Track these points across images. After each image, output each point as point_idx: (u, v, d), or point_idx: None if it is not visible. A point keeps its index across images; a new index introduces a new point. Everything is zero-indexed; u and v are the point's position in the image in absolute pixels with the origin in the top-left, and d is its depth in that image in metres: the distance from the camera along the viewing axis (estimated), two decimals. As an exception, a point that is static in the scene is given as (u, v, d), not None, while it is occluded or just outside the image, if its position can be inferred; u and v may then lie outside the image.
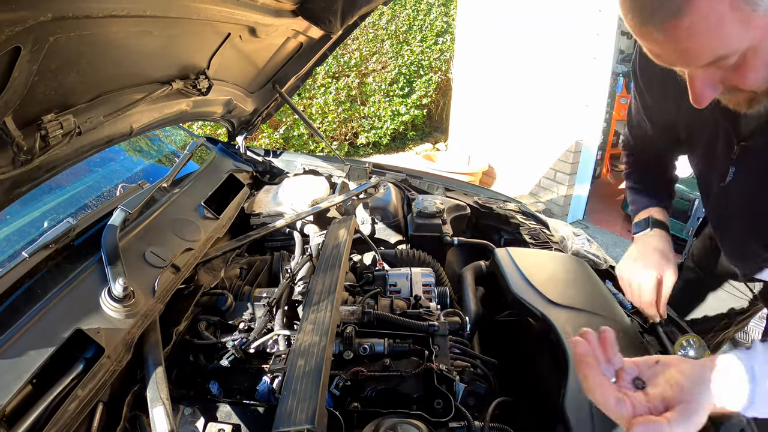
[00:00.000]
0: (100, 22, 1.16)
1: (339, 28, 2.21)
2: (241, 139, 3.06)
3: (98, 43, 1.27)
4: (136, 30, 1.37)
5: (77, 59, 1.24)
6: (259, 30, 2.01)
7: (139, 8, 1.24)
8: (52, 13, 0.96)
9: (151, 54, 1.63)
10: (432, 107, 11.50)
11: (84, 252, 1.59)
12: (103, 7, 1.10)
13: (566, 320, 1.67)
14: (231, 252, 2.09)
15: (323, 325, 1.39)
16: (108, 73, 1.47)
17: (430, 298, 1.91)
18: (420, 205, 2.48)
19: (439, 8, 10.77)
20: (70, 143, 1.35)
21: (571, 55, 6.63)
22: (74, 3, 1.01)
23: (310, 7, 2.04)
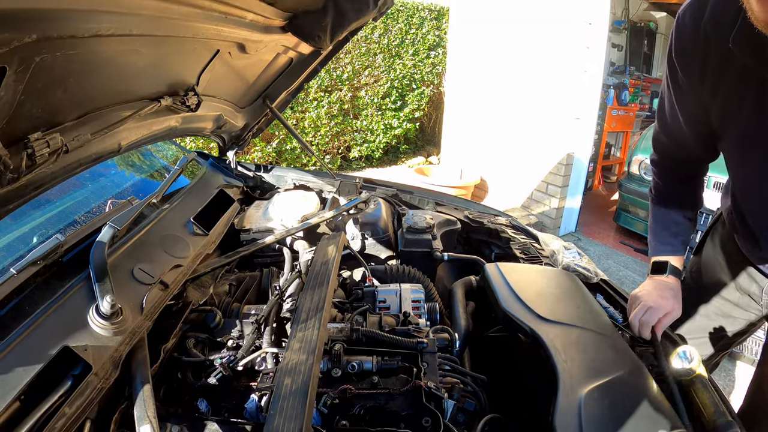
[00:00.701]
0: (85, 42, 1.16)
1: (329, 44, 2.22)
2: (231, 154, 3.06)
3: (85, 61, 1.27)
4: (123, 48, 1.37)
5: (64, 78, 1.24)
6: (249, 46, 2.01)
7: (125, 27, 1.24)
8: (36, 34, 0.95)
9: (139, 71, 1.63)
10: (424, 120, 11.56)
11: (72, 268, 1.58)
12: (87, 27, 1.11)
13: (556, 336, 1.67)
14: (220, 268, 2.09)
15: (310, 343, 1.39)
16: (95, 90, 1.47)
17: (419, 314, 1.91)
18: (410, 221, 2.49)
19: (431, 22, 10.86)
20: (57, 161, 1.35)
21: (561, 68, 6.66)
22: (58, 24, 1.01)
23: (299, 24, 2.04)
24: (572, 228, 7.55)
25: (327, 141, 9.69)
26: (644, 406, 1.42)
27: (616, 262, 6.67)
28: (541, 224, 7.32)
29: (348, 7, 2.09)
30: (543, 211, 7.33)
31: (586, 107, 6.61)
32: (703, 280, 2.28)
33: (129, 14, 1.20)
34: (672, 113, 1.91)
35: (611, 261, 6.67)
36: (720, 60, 1.58)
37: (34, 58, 1.03)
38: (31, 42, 0.96)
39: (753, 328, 2.21)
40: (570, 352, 1.60)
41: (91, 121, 1.50)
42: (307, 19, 2.04)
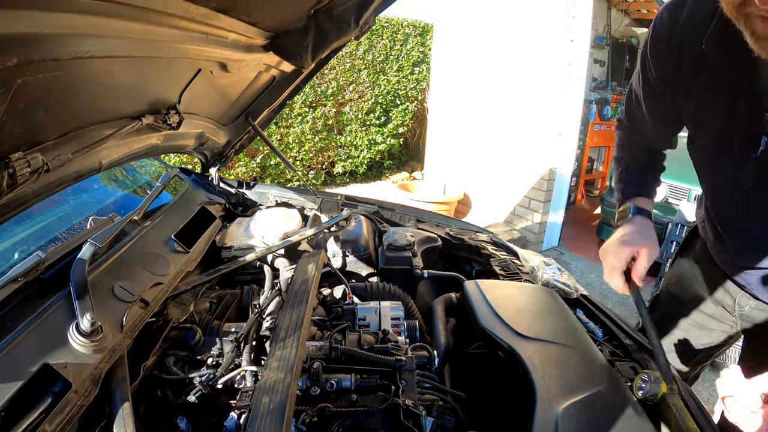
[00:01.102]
0: (67, 63, 1.18)
1: (310, 63, 2.24)
2: (214, 170, 3.07)
3: (66, 82, 1.28)
4: (104, 68, 1.38)
5: (45, 98, 1.25)
6: (230, 65, 2.03)
7: (107, 50, 1.26)
8: (17, 58, 0.97)
9: (120, 90, 1.64)
10: (408, 136, 11.61)
11: (53, 285, 1.59)
12: (69, 50, 1.12)
13: (534, 352, 1.69)
14: (201, 286, 2.10)
15: (289, 361, 1.40)
16: (76, 110, 1.49)
17: (399, 332, 1.93)
18: (390, 238, 2.51)
19: (416, 38, 10.92)
20: (38, 180, 1.36)
21: (543, 85, 6.73)
22: (40, 47, 1.03)
23: (280, 43, 2.06)
24: (555, 242, 7.60)
25: (311, 156, 9.70)
26: (621, 422, 1.44)
27: (599, 276, 6.71)
28: (524, 239, 7.36)
29: (329, 27, 2.10)
30: (526, 226, 7.38)
31: (567, 123, 6.68)
32: (680, 293, 2.30)
33: (111, 37, 1.21)
34: (638, 110, 1.98)
35: (594, 275, 6.72)
36: (694, 61, 1.60)
37: (16, 80, 1.04)
38: (13, 65, 0.98)
39: (731, 340, 2.22)
40: (548, 368, 1.62)
41: (72, 140, 1.51)
42: (288, 39, 2.06)
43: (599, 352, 1.80)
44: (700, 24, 1.48)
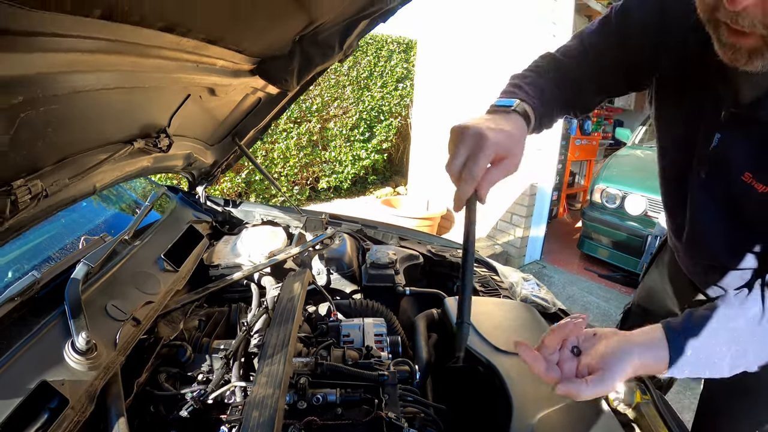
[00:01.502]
0: (65, 97, 1.24)
1: (295, 86, 2.30)
2: (201, 189, 3.12)
3: (63, 113, 1.34)
4: (99, 98, 1.44)
5: (44, 129, 1.31)
6: (218, 90, 2.09)
7: (102, 83, 1.32)
8: (23, 96, 1.03)
9: (113, 117, 1.70)
10: (392, 151, 11.67)
11: (47, 304, 1.63)
12: (68, 87, 1.19)
13: (511, 366, 1.76)
14: (190, 304, 2.15)
15: (277, 377, 1.46)
16: (72, 137, 1.54)
17: (382, 347, 1.98)
18: (373, 257, 2.57)
19: (400, 55, 11.00)
20: (37, 205, 1.42)
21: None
22: (42, 85, 1.09)
23: (266, 68, 2.12)
24: (537, 256, 7.68)
25: (296, 172, 9.75)
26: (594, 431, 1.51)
27: (581, 289, 6.80)
28: (507, 253, 7.43)
29: (314, 52, 2.15)
30: (508, 240, 7.45)
31: (547, 138, 6.79)
32: (651, 307, 2.34)
33: (107, 71, 1.28)
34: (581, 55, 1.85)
35: (576, 287, 6.79)
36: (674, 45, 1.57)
37: (20, 114, 1.10)
38: (18, 103, 1.04)
39: None
40: (524, 381, 1.69)
41: (68, 166, 1.56)
42: (274, 64, 2.12)
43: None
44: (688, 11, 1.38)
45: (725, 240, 1.72)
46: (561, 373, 1.33)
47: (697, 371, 1.35)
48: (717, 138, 1.52)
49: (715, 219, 1.70)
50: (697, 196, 1.71)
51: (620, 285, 6.87)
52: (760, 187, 1.43)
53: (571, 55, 1.88)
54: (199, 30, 1.45)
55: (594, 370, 1.30)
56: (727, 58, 1.25)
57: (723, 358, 1.33)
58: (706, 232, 1.77)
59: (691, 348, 1.33)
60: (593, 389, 1.25)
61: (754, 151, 1.44)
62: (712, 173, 1.60)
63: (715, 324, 1.34)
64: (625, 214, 7.00)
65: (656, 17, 1.62)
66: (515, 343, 1.35)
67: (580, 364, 1.35)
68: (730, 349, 1.33)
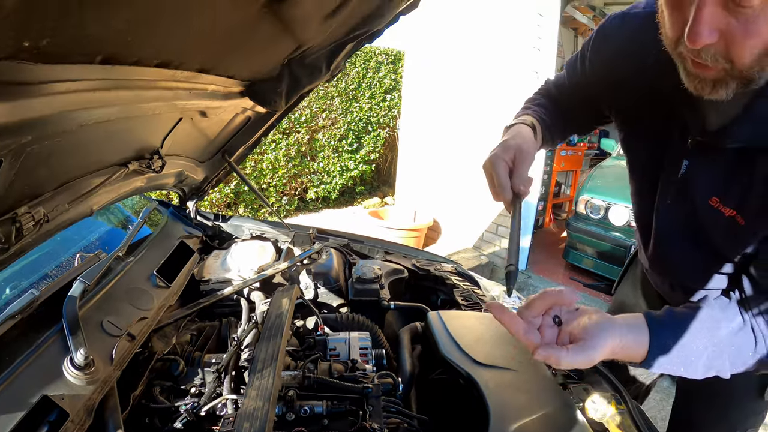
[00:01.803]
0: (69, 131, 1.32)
1: (283, 107, 2.36)
2: (192, 204, 3.18)
3: (65, 144, 1.41)
4: (98, 128, 1.51)
5: (47, 159, 1.38)
6: (209, 112, 2.16)
7: (103, 116, 1.39)
8: (31, 135, 1.11)
9: (109, 142, 1.77)
10: (380, 162, 11.73)
11: (46, 321, 1.69)
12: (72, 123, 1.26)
13: (490, 378, 1.83)
14: (182, 319, 2.22)
15: (266, 390, 1.54)
16: (71, 164, 1.61)
17: (367, 360, 2.06)
18: (359, 272, 2.65)
19: (388, 66, 11.06)
20: (39, 230, 1.49)
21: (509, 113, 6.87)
22: (48, 124, 1.16)
23: (256, 90, 2.17)
24: (523, 266, 7.75)
25: (285, 182, 9.81)
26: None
27: (566, 299, 6.86)
28: (492, 264, 7.51)
29: (302, 74, 2.20)
30: (494, 251, 7.53)
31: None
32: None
33: (108, 106, 1.35)
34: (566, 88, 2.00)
35: (560, 298, 6.86)
36: (636, 76, 1.65)
37: (26, 150, 1.17)
38: (26, 141, 1.12)
39: None
40: (502, 392, 1.77)
41: (67, 190, 1.63)
42: (263, 86, 2.17)
43: (552, 376, 1.93)
44: (648, 43, 1.49)
45: (692, 262, 1.79)
46: (541, 338, 1.38)
47: (673, 367, 1.40)
48: (685, 165, 1.59)
49: (681, 242, 1.77)
50: (663, 220, 1.79)
51: (604, 294, 6.93)
52: (727, 211, 1.49)
53: (559, 85, 2.05)
54: (192, 62, 1.51)
55: (575, 339, 1.35)
56: (692, 87, 1.31)
57: (699, 357, 1.39)
58: (671, 254, 1.85)
59: (670, 339, 1.39)
60: (573, 357, 1.30)
61: (720, 177, 1.50)
62: (679, 199, 1.67)
63: (696, 322, 1.41)
64: (609, 225, 7.09)
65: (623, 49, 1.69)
66: (487, 305, 1.42)
67: (561, 332, 1.41)
68: (707, 349, 1.39)
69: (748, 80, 1.23)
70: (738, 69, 1.20)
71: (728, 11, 1.11)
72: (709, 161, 1.53)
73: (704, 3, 1.11)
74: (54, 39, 0.85)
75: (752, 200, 1.43)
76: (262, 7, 1.32)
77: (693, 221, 1.66)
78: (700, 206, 1.58)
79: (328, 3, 1.62)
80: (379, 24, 2.08)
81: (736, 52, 1.16)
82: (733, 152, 1.45)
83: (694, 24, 1.13)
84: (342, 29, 2.01)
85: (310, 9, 1.50)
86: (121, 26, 0.98)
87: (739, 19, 1.11)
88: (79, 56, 0.99)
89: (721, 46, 1.17)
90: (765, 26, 1.10)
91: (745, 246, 1.52)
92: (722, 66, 1.20)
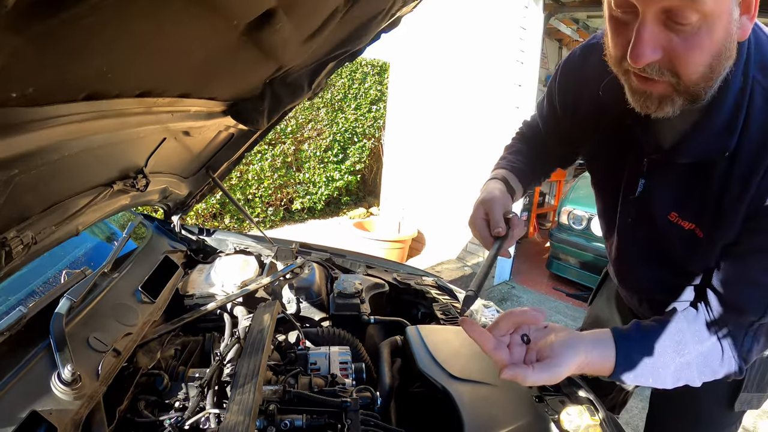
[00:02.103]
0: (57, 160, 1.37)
1: (265, 125, 2.40)
2: (176, 218, 3.22)
3: (53, 169, 1.45)
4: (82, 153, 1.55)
5: (35, 185, 1.42)
6: (193, 131, 2.19)
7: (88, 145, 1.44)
8: (19, 168, 1.16)
9: (94, 165, 1.80)
10: (366, 172, 11.76)
11: (34, 337, 1.72)
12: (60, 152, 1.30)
13: (465, 392, 1.89)
14: (166, 334, 2.25)
15: (248, 405, 1.58)
16: (58, 187, 1.65)
17: (346, 374, 2.10)
18: (340, 286, 2.70)
19: (374, 77, 11.11)
20: (28, 253, 1.54)
21: (493, 126, 7.00)
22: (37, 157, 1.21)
23: (238, 110, 2.20)
24: (506, 277, 7.83)
25: (270, 193, 9.83)
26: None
27: (549, 308, 6.94)
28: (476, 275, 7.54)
29: (284, 93, 2.23)
30: (477, 262, 7.58)
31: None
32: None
33: (93, 135, 1.40)
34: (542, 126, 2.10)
35: (544, 307, 6.91)
36: (593, 104, 1.71)
37: (14, 180, 1.21)
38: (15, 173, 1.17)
39: None
40: (476, 405, 1.83)
41: (54, 212, 1.66)
42: (245, 106, 2.20)
43: (527, 390, 1.99)
44: (602, 70, 1.52)
45: (656, 278, 1.86)
46: (510, 356, 1.43)
47: (641, 378, 1.46)
48: (641, 184, 1.65)
49: (645, 259, 1.84)
50: (626, 238, 1.86)
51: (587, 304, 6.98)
52: (687, 225, 1.56)
53: (533, 126, 2.20)
54: (173, 89, 1.56)
55: (542, 357, 1.41)
56: (638, 105, 1.38)
57: (667, 368, 1.45)
58: (636, 270, 1.93)
59: (636, 352, 1.45)
60: (539, 375, 1.37)
61: (677, 192, 1.57)
62: (639, 217, 1.74)
63: (663, 335, 1.47)
64: (591, 236, 7.17)
65: (582, 80, 1.77)
66: (460, 320, 1.47)
67: (529, 350, 1.46)
68: (674, 361, 1.45)
69: (695, 97, 1.31)
70: (685, 84, 1.27)
71: (669, 28, 1.19)
72: (664, 178, 1.60)
73: (644, 24, 1.18)
74: (39, 86, 0.91)
75: (708, 213, 1.49)
76: (240, 36, 1.36)
77: (655, 238, 1.73)
78: (660, 222, 1.64)
79: (307, 26, 1.66)
80: (359, 44, 2.13)
81: (681, 66, 1.23)
82: (686, 167, 1.53)
83: (636, 44, 1.20)
84: (322, 50, 2.05)
85: (289, 33, 1.54)
86: (102, 67, 1.04)
87: (680, 35, 1.18)
88: (63, 96, 1.05)
89: (665, 61, 1.24)
90: (707, 39, 1.18)
91: (707, 258, 1.58)
92: (668, 79, 1.27)
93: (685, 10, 1.13)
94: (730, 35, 1.21)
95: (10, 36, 0.70)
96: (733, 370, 1.48)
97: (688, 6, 1.12)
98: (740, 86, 1.34)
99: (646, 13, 1.18)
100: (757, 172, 1.34)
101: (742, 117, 1.34)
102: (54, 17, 0.72)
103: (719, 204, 1.45)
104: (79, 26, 0.80)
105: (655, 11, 1.17)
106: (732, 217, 1.43)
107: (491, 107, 7.03)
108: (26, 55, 0.78)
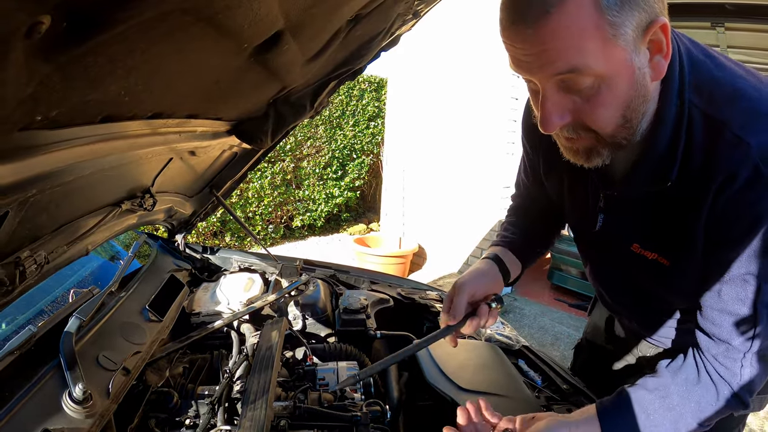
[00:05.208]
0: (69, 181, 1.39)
1: (269, 143, 2.43)
2: (180, 237, 3.25)
3: (66, 190, 1.47)
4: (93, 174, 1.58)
5: (47, 205, 1.44)
6: (198, 151, 2.21)
7: (99, 166, 1.46)
8: (36, 189, 1.18)
9: (103, 185, 1.83)
10: (365, 188, 11.80)
11: (43, 356, 1.74)
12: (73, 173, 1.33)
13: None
14: (175, 352, 2.27)
15: (259, 421, 1.60)
16: (69, 207, 1.67)
17: (355, 389, 2.12)
18: (345, 302, 2.72)
19: (371, 93, 11.17)
20: (40, 272, 1.56)
21: (491, 143, 7.05)
22: (52, 178, 1.24)
23: (243, 129, 2.24)
24: (508, 289, 7.81)
25: (270, 211, 9.86)
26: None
27: (551, 319, 6.94)
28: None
29: (287, 112, 2.27)
30: (479, 275, 7.57)
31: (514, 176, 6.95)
32: (598, 342, 2.44)
33: (104, 156, 1.43)
34: (525, 175, 2.12)
35: (546, 318, 6.94)
36: (549, 149, 1.69)
37: (30, 200, 1.24)
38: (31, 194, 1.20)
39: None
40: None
41: (64, 232, 1.68)
42: (250, 125, 2.23)
43: (534, 399, 2.02)
44: None
45: (630, 304, 1.93)
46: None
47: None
48: (600, 219, 1.68)
49: (616, 288, 1.92)
50: (597, 269, 1.95)
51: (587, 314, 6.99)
52: (650, 254, 1.57)
53: (521, 194, 2.25)
54: (183, 110, 1.60)
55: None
56: (571, 158, 1.43)
57: (660, 425, 1.46)
58: (614, 296, 1.99)
59: (622, 422, 1.48)
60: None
61: (635, 224, 1.60)
62: (604, 250, 1.79)
63: (648, 396, 1.49)
64: (591, 246, 7.17)
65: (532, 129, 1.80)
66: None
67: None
68: (666, 417, 1.46)
69: (618, 146, 1.35)
70: (604, 137, 1.31)
71: (571, 92, 1.23)
72: (621, 211, 1.63)
73: (545, 94, 1.24)
74: (62, 110, 0.93)
75: (668, 240, 1.52)
76: (248, 58, 1.40)
77: (623, 270, 1.78)
78: (624, 254, 1.66)
79: (311, 47, 1.70)
80: (360, 62, 2.16)
81: (592, 123, 1.28)
82: (639, 199, 1.55)
83: (543, 115, 1.26)
84: (325, 69, 2.08)
85: (294, 55, 1.58)
86: (120, 90, 1.07)
87: (582, 96, 1.23)
88: (82, 119, 1.08)
89: (576, 121, 1.28)
90: (609, 96, 1.22)
91: (678, 287, 1.61)
92: (586, 135, 1.32)
93: (575, 78, 1.18)
94: (636, 83, 1.24)
95: (41, 64, 0.73)
96: (734, 405, 1.48)
97: (575, 76, 1.17)
98: (675, 113, 1.34)
99: (544, 85, 1.24)
100: (705, 196, 1.35)
101: (681, 144, 1.35)
102: (81, 45, 0.75)
103: (676, 231, 1.47)
104: (105, 54, 0.83)
105: (551, 82, 1.22)
106: (692, 243, 1.44)
107: (489, 121, 7.08)
108: (54, 82, 0.81)
